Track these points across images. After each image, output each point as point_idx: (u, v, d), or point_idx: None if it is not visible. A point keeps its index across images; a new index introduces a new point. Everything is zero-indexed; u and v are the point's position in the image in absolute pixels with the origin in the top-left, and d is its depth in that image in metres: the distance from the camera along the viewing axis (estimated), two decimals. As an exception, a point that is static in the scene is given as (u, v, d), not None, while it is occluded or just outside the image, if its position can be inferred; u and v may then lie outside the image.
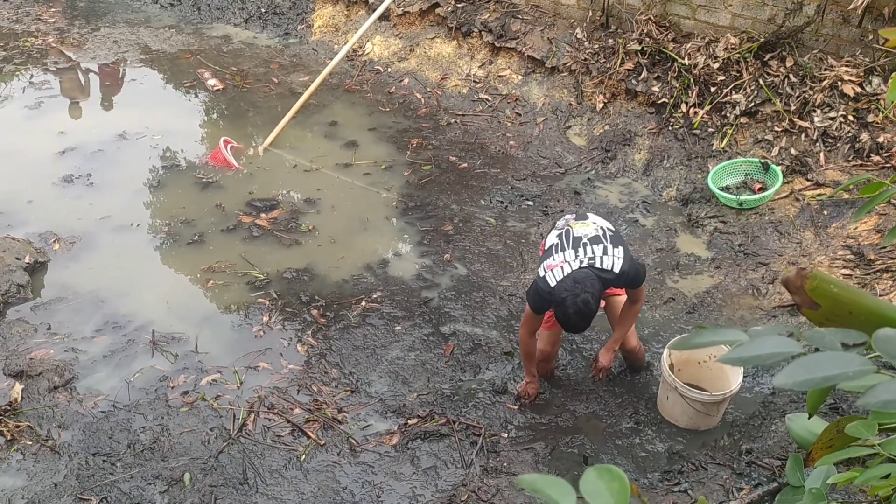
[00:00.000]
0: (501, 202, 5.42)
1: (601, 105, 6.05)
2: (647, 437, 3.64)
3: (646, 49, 5.86)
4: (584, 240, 3.28)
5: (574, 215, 3.53)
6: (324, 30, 8.04)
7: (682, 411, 3.59)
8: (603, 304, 3.59)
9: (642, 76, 5.85)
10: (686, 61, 5.61)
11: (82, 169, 5.71)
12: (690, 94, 5.59)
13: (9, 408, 3.71)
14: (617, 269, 3.21)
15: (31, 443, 3.55)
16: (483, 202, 5.42)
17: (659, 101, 5.75)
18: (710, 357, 3.73)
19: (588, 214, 3.51)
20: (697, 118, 5.51)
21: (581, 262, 3.22)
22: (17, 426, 3.62)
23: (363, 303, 4.48)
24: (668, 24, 5.90)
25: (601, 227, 3.36)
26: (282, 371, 4.01)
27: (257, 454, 3.51)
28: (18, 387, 3.82)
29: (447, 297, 4.55)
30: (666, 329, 4.26)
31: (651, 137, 5.73)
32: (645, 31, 5.88)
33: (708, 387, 3.68)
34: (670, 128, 5.65)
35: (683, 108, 5.62)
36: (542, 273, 3.30)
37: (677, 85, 5.67)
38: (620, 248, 3.27)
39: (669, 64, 5.76)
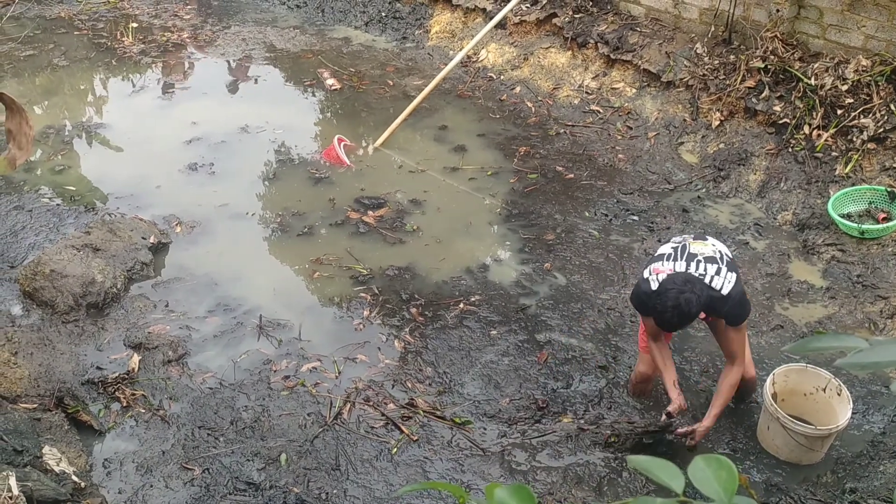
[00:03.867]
0: (606, 215, 5.36)
1: (717, 122, 5.89)
2: (745, 467, 3.52)
3: (769, 67, 5.66)
4: (700, 257, 3.24)
5: (693, 235, 3.47)
6: (440, 35, 8.18)
7: (783, 443, 3.46)
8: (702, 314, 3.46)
9: (763, 95, 5.66)
10: (812, 81, 5.39)
11: (206, 158, 6.03)
12: (815, 116, 5.36)
13: (126, 376, 3.96)
14: (726, 291, 3.14)
15: (143, 411, 3.78)
16: (587, 214, 5.38)
17: (780, 122, 5.54)
18: (818, 389, 3.57)
19: (707, 237, 3.46)
20: (821, 141, 5.28)
21: (691, 274, 3.18)
22: (133, 394, 3.87)
23: (461, 305, 4.53)
24: (795, 43, 5.68)
25: (719, 251, 3.31)
26: (378, 365, 4.11)
27: (350, 443, 3.62)
28: (136, 358, 4.08)
29: (544, 306, 4.54)
30: (771, 357, 4.10)
31: (769, 158, 5.53)
32: (770, 48, 5.68)
33: (813, 420, 3.53)
34: (790, 149, 5.44)
35: (806, 129, 5.39)
36: (646, 275, 3.29)
37: (801, 106, 5.45)
38: (734, 274, 3.21)
39: (794, 83, 5.55)
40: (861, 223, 4.80)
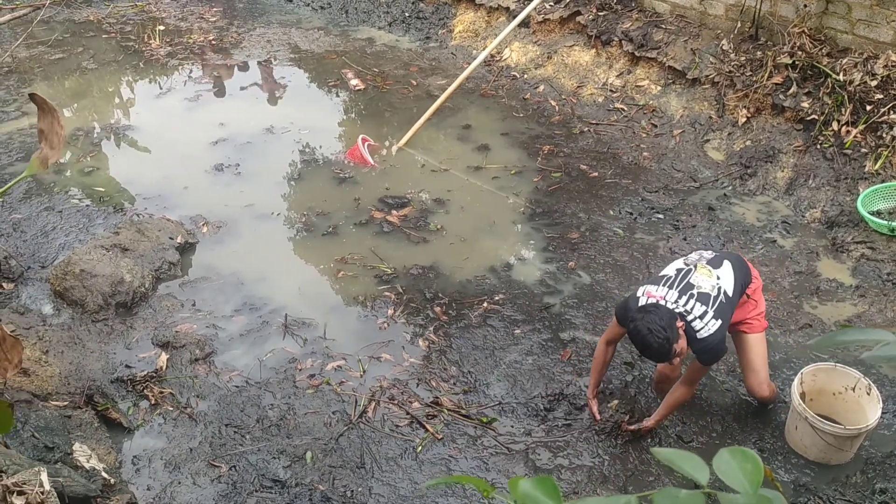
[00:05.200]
0: (631, 213, 5.33)
1: (744, 119, 5.83)
2: (773, 467, 3.48)
3: (797, 63, 5.59)
4: (694, 291, 3.24)
5: (711, 256, 3.43)
6: (464, 35, 8.18)
7: (811, 443, 3.41)
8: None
9: (791, 91, 5.59)
10: (841, 77, 5.31)
11: (232, 159, 6.09)
12: (843, 112, 5.28)
13: (155, 374, 4.02)
14: (701, 336, 3.18)
15: (171, 409, 3.83)
16: (612, 212, 5.35)
17: (808, 118, 5.47)
18: (847, 389, 3.52)
19: (724, 262, 3.39)
20: (850, 137, 5.20)
21: (676, 308, 3.21)
22: (161, 392, 3.92)
23: (485, 304, 4.53)
24: (823, 38, 5.60)
25: (719, 288, 3.27)
26: (403, 364, 4.12)
27: (375, 441, 3.63)
28: (164, 356, 4.13)
29: (569, 305, 4.52)
30: (799, 355, 4.05)
31: (796, 155, 5.46)
32: (797, 44, 5.61)
33: (842, 420, 3.48)
34: (818, 146, 5.37)
35: (835, 126, 5.32)
36: (638, 293, 3.34)
37: (829, 102, 5.37)
38: (719, 322, 3.20)
39: (822, 79, 5.47)
40: (891, 220, 4.72)
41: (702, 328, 3.17)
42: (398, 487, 3.41)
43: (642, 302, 3.26)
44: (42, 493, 2.04)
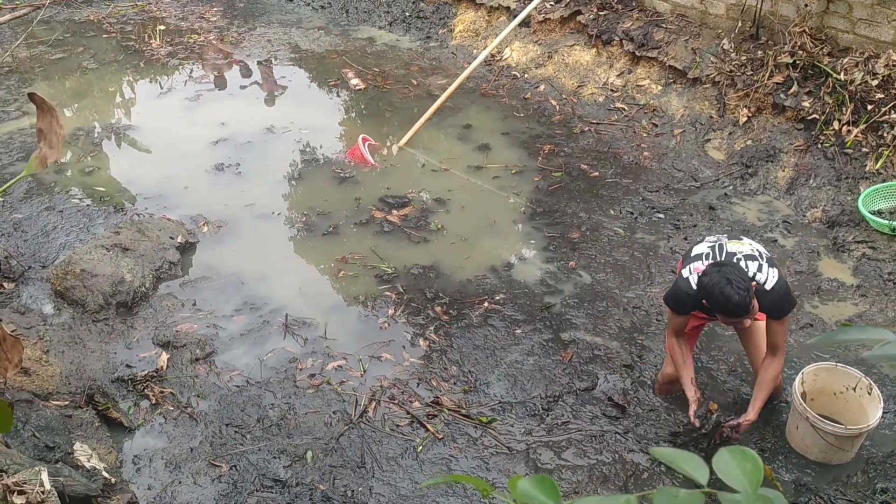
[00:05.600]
0: (631, 213, 5.33)
1: (745, 119, 5.83)
2: (773, 467, 3.47)
3: (798, 62, 5.59)
4: (739, 255, 3.22)
5: (727, 235, 3.45)
6: (464, 34, 8.18)
7: (812, 443, 3.41)
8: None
9: (792, 90, 5.59)
10: (842, 77, 5.31)
11: (232, 158, 6.09)
12: (844, 112, 5.28)
13: (155, 374, 4.02)
14: (769, 286, 3.13)
15: (172, 408, 3.83)
16: (612, 212, 5.35)
17: (808, 118, 5.47)
18: (848, 388, 3.52)
19: (742, 237, 3.43)
20: (851, 137, 5.20)
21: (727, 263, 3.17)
22: (162, 392, 3.92)
23: (485, 303, 4.53)
24: (823, 38, 5.60)
25: (756, 249, 3.29)
26: (403, 363, 4.12)
27: (376, 440, 3.63)
28: (165, 356, 4.13)
29: (569, 304, 4.52)
30: (800, 355, 4.05)
31: (797, 155, 5.46)
32: (798, 43, 5.61)
33: (843, 420, 3.48)
34: (819, 146, 5.36)
35: (836, 125, 5.31)
36: (685, 274, 3.27)
37: (830, 101, 5.37)
38: (776, 270, 3.19)
39: (823, 79, 5.47)
40: (892, 220, 4.72)
41: (766, 279, 3.14)
42: (399, 487, 3.41)
43: (694, 280, 3.22)
44: (42, 492, 2.04)
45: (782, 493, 2.65)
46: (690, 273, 3.27)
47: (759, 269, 3.18)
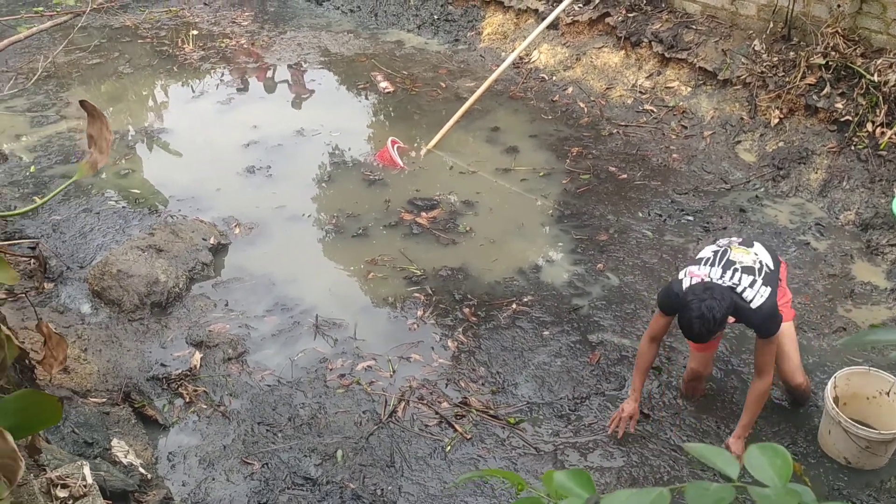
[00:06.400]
0: (660, 215, 5.31)
1: (776, 120, 5.78)
2: (805, 472, 3.45)
3: (830, 63, 5.53)
4: (737, 265, 3.22)
5: (740, 239, 3.44)
6: (492, 37, 8.21)
7: (845, 447, 3.38)
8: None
9: (825, 92, 5.53)
10: (875, 78, 5.24)
11: (263, 161, 6.17)
12: (878, 113, 5.21)
13: (189, 373, 4.09)
14: (755, 305, 3.13)
15: (205, 406, 3.90)
16: (641, 214, 5.34)
17: (842, 119, 5.41)
18: (881, 393, 3.48)
19: (755, 243, 3.42)
20: (885, 139, 5.13)
21: (724, 283, 3.17)
22: (195, 390, 3.99)
23: (514, 305, 4.55)
24: (856, 38, 5.54)
25: (760, 262, 3.27)
26: (432, 364, 4.16)
27: (405, 440, 3.67)
28: (198, 355, 4.21)
29: (597, 307, 4.52)
30: (833, 359, 4.01)
31: (830, 156, 5.40)
32: (831, 44, 5.55)
33: (877, 424, 3.44)
34: (853, 147, 5.30)
35: (869, 127, 5.25)
36: (681, 276, 3.31)
37: (864, 102, 5.31)
38: (769, 289, 3.17)
39: (856, 80, 5.41)
40: (928, 223, 4.65)
41: (754, 297, 3.14)
42: (427, 486, 3.44)
43: (686, 283, 3.22)
44: (85, 486, 2.11)
45: (811, 488, 2.64)
46: (685, 276, 3.28)
47: (752, 284, 3.16)
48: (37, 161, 6.16)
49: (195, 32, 8.91)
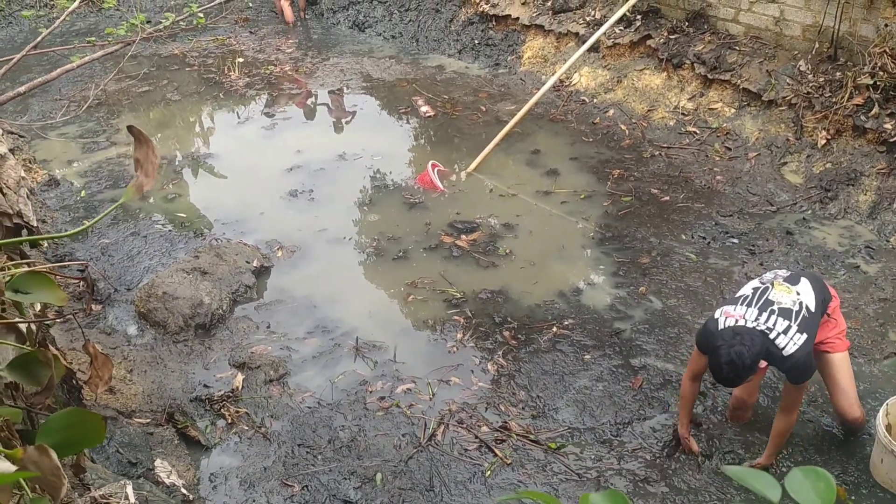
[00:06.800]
0: (704, 238, 5.23)
1: (823, 141, 5.67)
2: (857, 502, 3.33)
3: (878, 83, 5.42)
4: (775, 307, 3.14)
5: (787, 274, 3.36)
6: (533, 61, 8.23)
7: (899, 478, 3.26)
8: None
9: (873, 112, 5.41)
10: (926, 96, 5.12)
11: (305, 185, 6.26)
12: (930, 133, 5.08)
13: (231, 394, 4.14)
14: (787, 352, 3.05)
15: (247, 428, 3.93)
16: (684, 237, 5.27)
17: (891, 140, 5.28)
18: (938, 422, 3.35)
19: (802, 279, 3.31)
20: (937, 159, 4.99)
21: (758, 326, 3.10)
22: (237, 412, 4.03)
23: (554, 328, 4.51)
24: (906, 56, 5.42)
25: (801, 303, 3.17)
26: (472, 388, 4.13)
27: (444, 464, 3.64)
28: (240, 377, 4.25)
29: (639, 330, 4.46)
30: (885, 385, 3.88)
31: (880, 178, 5.27)
32: (879, 64, 5.44)
33: (933, 455, 3.31)
34: (903, 168, 5.17)
35: (920, 147, 5.12)
36: (717, 315, 3.24)
37: (914, 122, 5.18)
38: (804, 336, 3.08)
39: (906, 99, 5.28)
40: (985, 245, 4.50)
41: (787, 344, 3.06)
42: (467, 512, 3.41)
43: (721, 324, 3.16)
44: (127, 505, 2.14)
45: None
46: (721, 315, 3.21)
47: (786, 330, 3.08)
48: (87, 186, 6.35)
49: (241, 60, 9.13)
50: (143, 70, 8.77)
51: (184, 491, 3.31)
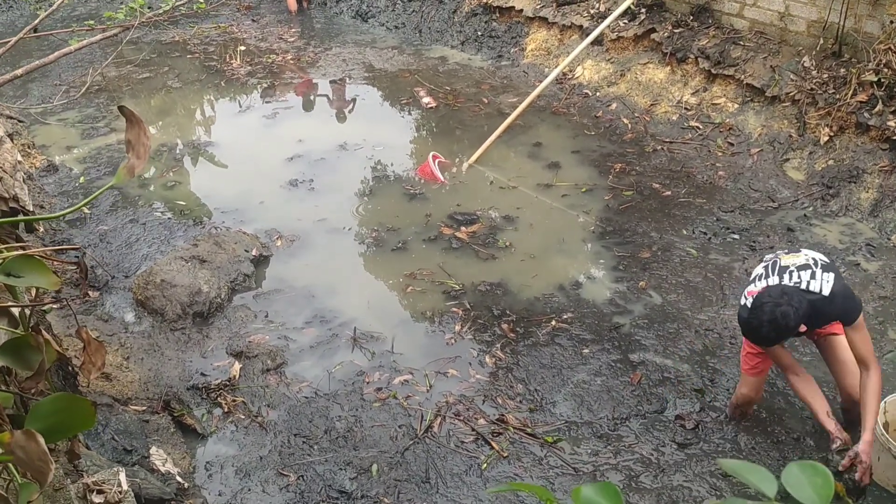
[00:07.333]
0: (705, 233, 5.21)
1: (826, 138, 5.64)
2: (853, 499, 3.32)
3: (883, 80, 5.39)
4: (792, 268, 3.18)
5: (787, 250, 3.40)
6: (536, 53, 8.19)
7: (895, 475, 3.25)
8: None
9: (877, 109, 5.38)
10: (931, 94, 5.09)
11: (306, 175, 6.23)
12: (933, 131, 5.05)
13: (228, 383, 4.12)
14: (826, 292, 3.05)
15: (243, 417, 3.92)
16: (685, 232, 5.25)
17: (894, 137, 5.25)
18: (937, 421, 3.34)
19: (801, 249, 3.37)
20: (940, 157, 4.97)
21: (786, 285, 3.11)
22: (234, 401, 4.01)
23: (553, 322, 4.49)
24: (911, 54, 5.39)
25: (812, 258, 3.23)
26: (469, 380, 4.12)
27: (440, 456, 3.63)
28: (237, 365, 4.24)
29: (639, 325, 4.44)
30: (883, 384, 3.86)
31: (882, 176, 5.25)
32: (884, 61, 5.41)
33: (931, 454, 3.30)
34: (906, 166, 5.14)
35: (924, 145, 5.09)
36: (742, 301, 3.25)
37: (918, 120, 5.15)
38: (831, 274, 3.11)
39: (910, 97, 5.25)
40: None
41: (822, 286, 3.07)
42: (462, 503, 3.40)
43: (749, 303, 3.17)
44: (120, 492, 2.12)
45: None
46: (745, 298, 3.24)
47: (813, 276, 3.10)
48: (86, 172, 6.32)
49: (243, 48, 9.08)
50: (142, 55, 8.72)
51: (179, 479, 3.30)
